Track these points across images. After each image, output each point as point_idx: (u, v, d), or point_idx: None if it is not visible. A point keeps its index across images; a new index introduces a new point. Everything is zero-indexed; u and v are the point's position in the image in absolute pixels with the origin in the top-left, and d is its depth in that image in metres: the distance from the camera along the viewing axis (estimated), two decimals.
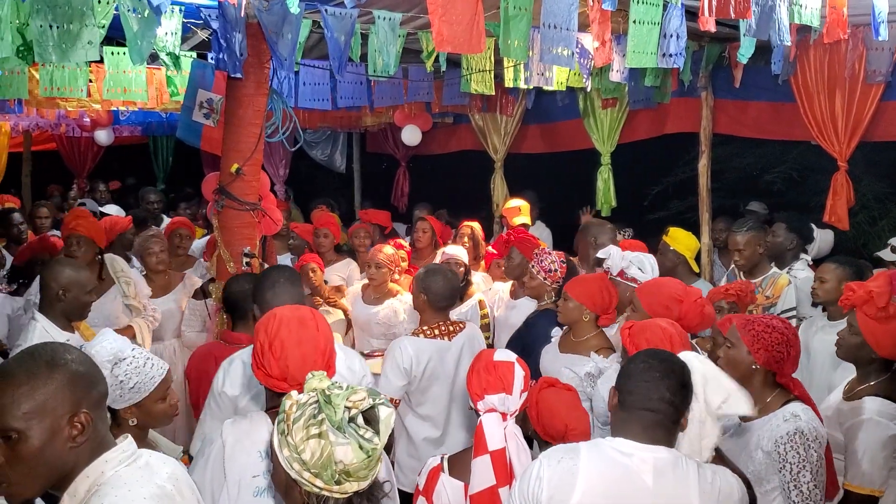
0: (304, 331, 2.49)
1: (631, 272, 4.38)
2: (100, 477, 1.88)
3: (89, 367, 1.95)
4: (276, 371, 2.46)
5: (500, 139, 8.91)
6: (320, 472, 1.83)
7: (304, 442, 1.84)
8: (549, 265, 4.60)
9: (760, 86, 6.40)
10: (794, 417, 2.89)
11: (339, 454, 1.83)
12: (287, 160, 11.03)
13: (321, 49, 5.83)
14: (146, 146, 12.50)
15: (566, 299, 4.12)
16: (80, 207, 6.19)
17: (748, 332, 3.02)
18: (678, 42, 4.17)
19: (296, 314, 2.56)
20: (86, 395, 1.88)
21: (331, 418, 1.84)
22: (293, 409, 1.89)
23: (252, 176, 4.69)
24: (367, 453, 1.84)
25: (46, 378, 1.83)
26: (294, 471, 1.86)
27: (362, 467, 1.85)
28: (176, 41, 4.35)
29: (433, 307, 4.17)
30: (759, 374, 3.02)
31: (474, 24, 3.57)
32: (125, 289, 5.08)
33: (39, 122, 9.34)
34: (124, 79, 5.57)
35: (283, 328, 2.49)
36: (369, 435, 1.86)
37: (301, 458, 1.84)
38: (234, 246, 4.67)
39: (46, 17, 3.42)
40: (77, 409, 1.85)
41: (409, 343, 4.09)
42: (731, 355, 3.08)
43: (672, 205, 8.72)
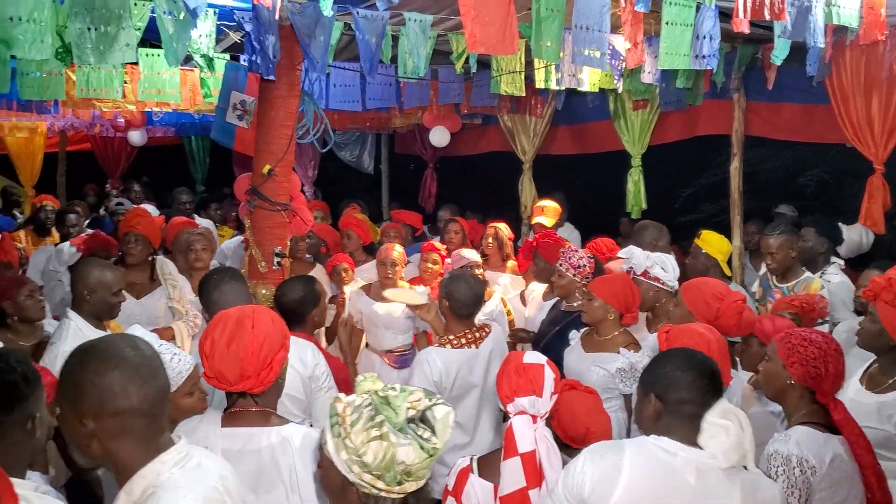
0: (238, 329, 2.46)
1: (654, 272, 4.39)
2: (155, 479, 1.90)
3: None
4: (208, 370, 2.47)
5: (529, 140, 8.89)
6: (383, 473, 1.85)
7: (366, 444, 1.85)
8: (577, 261, 4.60)
9: (794, 87, 6.33)
10: (783, 438, 2.77)
11: (401, 455, 1.85)
12: (316, 161, 11.10)
13: (351, 51, 5.86)
14: (179, 147, 12.65)
15: (591, 299, 4.14)
16: (140, 206, 6.25)
17: (784, 345, 2.89)
18: (711, 43, 4.15)
19: (236, 314, 2.53)
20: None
21: (391, 419, 1.85)
22: (347, 412, 1.89)
23: (283, 177, 4.73)
24: (429, 453, 1.87)
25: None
26: (354, 473, 1.87)
27: (423, 467, 1.88)
28: (210, 43, 4.39)
29: (455, 314, 4.12)
30: (794, 390, 2.87)
31: (507, 26, 3.57)
32: (170, 291, 5.13)
33: (74, 123, 9.49)
34: (159, 80, 5.65)
35: (216, 328, 2.49)
36: (427, 435, 1.88)
37: (362, 460, 1.85)
38: (265, 246, 4.71)
39: (85, 19, 3.47)
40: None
41: (437, 355, 4.02)
42: (767, 369, 2.98)
43: (703, 207, 8.66)
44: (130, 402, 1.90)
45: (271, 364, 2.47)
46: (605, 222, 8.34)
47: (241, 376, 2.44)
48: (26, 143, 10.75)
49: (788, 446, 2.71)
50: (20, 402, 2.12)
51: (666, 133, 7.79)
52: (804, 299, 4.25)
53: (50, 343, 3.91)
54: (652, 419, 2.44)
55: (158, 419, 1.97)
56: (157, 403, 1.96)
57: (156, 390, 1.95)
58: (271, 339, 2.48)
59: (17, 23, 3.28)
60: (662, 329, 3.27)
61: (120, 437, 1.91)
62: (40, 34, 3.36)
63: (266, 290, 4.58)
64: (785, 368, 2.87)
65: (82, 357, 1.97)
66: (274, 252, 4.68)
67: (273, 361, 2.48)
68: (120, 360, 1.93)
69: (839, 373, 2.85)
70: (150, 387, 1.94)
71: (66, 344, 3.78)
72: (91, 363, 1.94)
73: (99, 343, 2.02)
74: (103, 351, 1.96)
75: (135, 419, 1.92)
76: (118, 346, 1.98)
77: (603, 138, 8.40)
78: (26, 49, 3.35)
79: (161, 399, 1.98)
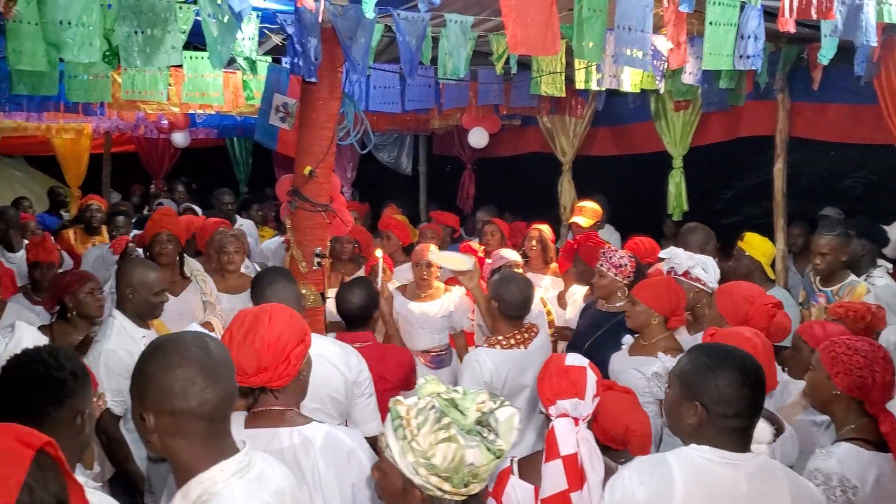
0: (256, 323, 2.49)
1: (695, 272, 4.34)
2: (212, 486, 1.88)
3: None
4: None
5: (569, 141, 8.84)
6: (451, 475, 1.85)
7: (434, 446, 1.84)
8: (618, 261, 4.56)
9: (840, 88, 6.21)
10: (825, 455, 2.70)
11: (469, 457, 1.85)
12: (354, 162, 11.16)
13: (391, 52, 5.89)
14: (222, 148, 12.79)
15: (634, 303, 4.10)
16: (166, 206, 6.34)
17: (828, 354, 2.83)
18: (756, 43, 4.10)
19: (254, 310, 2.57)
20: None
21: (459, 422, 1.85)
22: (412, 415, 1.89)
23: (324, 178, 4.76)
24: (496, 454, 1.87)
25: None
26: (420, 476, 1.87)
27: (489, 469, 1.88)
28: (253, 46, 4.45)
29: (504, 315, 4.11)
30: (841, 401, 2.81)
31: (549, 26, 3.56)
32: (202, 286, 5.21)
33: (119, 125, 9.66)
34: (202, 83, 5.73)
35: (234, 323, 2.52)
36: (492, 437, 1.88)
37: (431, 462, 1.85)
38: (305, 246, 4.74)
39: (132, 23, 3.54)
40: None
41: (486, 356, 4.01)
42: (812, 379, 2.93)
43: (745, 209, 8.55)
44: (189, 403, 1.87)
45: (288, 357, 2.48)
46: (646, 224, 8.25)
47: (258, 368, 2.45)
48: (73, 144, 10.97)
49: (829, 464, 2.65)
50: (69, 398, 2.17)
51: (708, 134, 7.70)
52: (851, 307, 4.08)
53: (94, 341, 3.98)
54: (693, 426, 2.37)
55: (220, 423, 1.94)
56: (218, 408, 1.91)
57: (218, 395, 1.91)
58: (288, 332, 2.49)
59: (66, 27, 3.36)
60: (708, 332, 3.23)
61: (178, 437, 1.89)
62: (88, 37, 3.43)
63: (307, 290, 4.62)
64: (830, 379, 2.81)
65: (152, 351, 1.95)
66: (314, 252, 4.72)
67: (290, 355, 2.48)
68: (184, 360, 1.89)
69: (888, 382, 2.76)
70: (213, 391, 1.89)
71: (109, 342, 3.85)
72: (156, 358, 1.91)
73: (169, 340, 1.99)
74: (171, 349, 1.92)
75: (193, 421, 1.88)
76: (186, 345, 1.93)
77: (644, 139, 8.32)
78: (75, 52, 3.42)
79: (224, 404, 1.93)
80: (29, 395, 2.15)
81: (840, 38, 4.13)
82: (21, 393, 2.16)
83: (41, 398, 2.14)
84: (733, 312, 3.61)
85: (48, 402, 2.14)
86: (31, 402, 2.14)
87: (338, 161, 10.52)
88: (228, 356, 2.02)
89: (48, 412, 2.14)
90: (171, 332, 2.17)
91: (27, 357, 2.24)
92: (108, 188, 11.07)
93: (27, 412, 2.13)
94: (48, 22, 3.34)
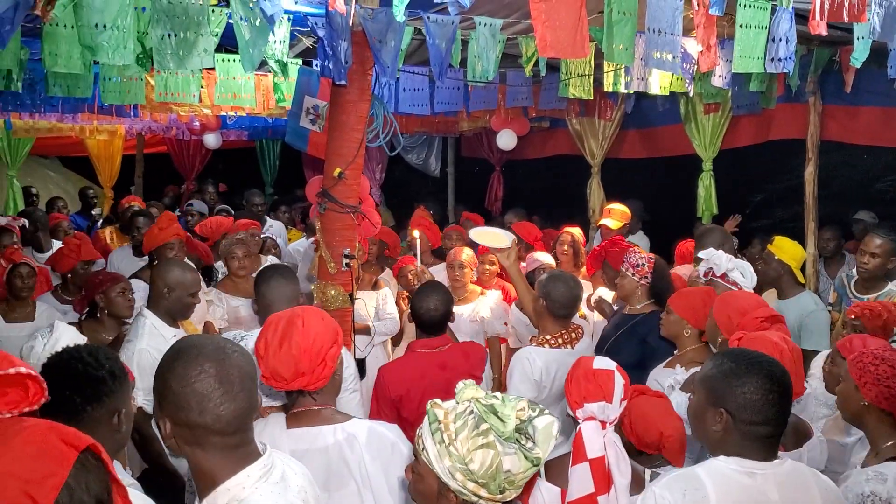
0: (290, 328, 2.51)
1: (733, 276, 4.27)
2: (239, 492, 1.87)
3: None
4: (263, 370, 2.51)
5: (598, 144, 8.82)
6: (488, 482, 1.85)
7: (472, 452, 1.84)
8: (636, 260, 4.53)
9: (872, 90, 6.15)
10: (877, 477, 2.60)
11: (507, 464, 1.84)
12: (383, 164, 11.21)
13: (421, 55, 5.91)
14: (251, 150, 12.91)
15: (668, 312, 4.00)
16: (169, 212, 6.39)
17: (855, 365, 2.80)
18: (788, 46, 4.06)
19: (286, 315, 2.58)
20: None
21: (498, 429, 1.84)
22: (450, 419, 1.89)
23: (353, 180, 4.79)
24: (533, 462, 1.86)
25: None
26: (456, 481, 1.86)
27: (526, 477, 1.87)
28: (284, 49, 4.49)
29: (552, 314, 4.07)
30: (871, 412, 2.75)
31: (578, 29, 3.56)
32: (203, 286, 5.27)
33: (152, 126, 9.79)
34: (234, 85, 5.79)
35: (268, 329, 2.54)
36: (530, 445, 1.87)
37: (468, 468, 1.84)
38: (334, 247, 4.77)
39: (165, 26, 3.59)
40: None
41: (536, 354, 3.98)
42: (841, 391, 2.89)
43: (776, 213, 8.47)
44: (204, 419, 1.84)
45: (325, 360, 2.51)
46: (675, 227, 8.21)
47: (297, 373, 2.48)
48: (106, 145, 11.15)
49: (888, 487, 2.55)
50: (107, 397, 2.21)
51: (738, 137, 7.65)
52: (867, 306, 4.00)
53: (126, 340, 4.03)
54: (718, 434, 2.33)
55: (237, 436, 1.90)
56: (233, 423, 1.87)
57: (234, 411, 1.87)
58: (322, 335, 2.51)
59: (101, 30, 3.42)
60: (735, 337, 3.19)
61: (195, 446, 1.88)
62: (123, 41, 3.49)
63: (335, 291, 4.65)
64: (858, 390, 2.76)
65: (172, 358, 1.92)
66: (343, 254, 4.74)
67: (326, 357, 2.51)
68: (201, 374, 1.86)
69: None
70: (228, 407, 1.86)
71: (141, 342, 3.90)
72: (176, 368, 1.88)
73: (191, 348, 1.93)
74: (192, 358, 1.88)
75: (208, 434, 1.86)
76: (208, 355, 1.89)
77: (673, 142, 8.28)
78: (109, 55, 3.48)
79: (240, 419, 1.89)
80: (68, 393, 2.18)
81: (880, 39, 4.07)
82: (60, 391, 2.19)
83: (80, 396, 2.18)
84: (726, 323, 3.50)
85: (86, 400, 2.18)
86: (69, 400, 2.17)
87: (366, 163, 10.59)
88: (251, 368, 1.97)
89: (86, 410, 2.18)
90: (196, 336, 2.17)
91: (67, 355, 2.29)
92: (139, 189, 11.22)
93: (65, 410, 2.18)
94: (84, 25, 3.41)
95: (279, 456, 2.07)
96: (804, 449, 3.07)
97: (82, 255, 5.52)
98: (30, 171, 11.40)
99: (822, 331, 4.69)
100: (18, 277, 4.93)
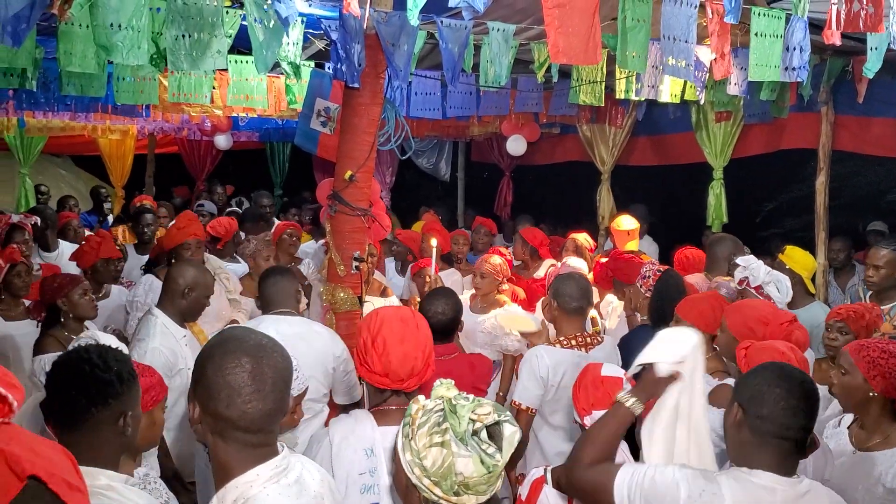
0: (406, 328, 2.57)
1: (768, 290, 4.23)
2: (247, 490, 1.87)
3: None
4: (378, 367, 2.55)
5: (608, 151, 8.81)
6: (440, 481, 1.83)
7: (427, 449, 1.84)
8: (644, 272, 4.52)
9: (886, 101, 6.15)
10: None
11: (459, 466, 1.82)
12: (393, 168, 11.22)
13: (433, 59, 5.92)
14: (262, 151, 12.94)
15: (677, 321, 3.96)
16: (189, 212, 6.42)
17: (863, 358, 2.91)
18: (802, 55, 4.06)
19: (397, 314, 2.65)
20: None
21: (454, 429, 1.83)
22: (419, 415, 1.90)
23: (364, 183, 4.79)
24: (488, 469, 1.82)
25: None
26: (415, 476, 1.86)
27: (482, 482, 1.83)
28: (297, 51, 4.50)
29: (564, 310, 4.07)
30: (876, 402, 2.91)
31: (591, 36, 3.55)
32: (226, 284, 5.28)
33: (164, 126, 9.82)
34: (247, 86, 5.81)
35: (384, 326, 2.58)
36: (492, 451, 1.83)
37: (422, 464, 1.84)
38: (344, 250, 4.78)
39: (180, 27, 3.60)
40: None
41: (545, 352, 3.99)
42: (845, 382, 2.97)
43: (786, 222, 8.45)
44: (230, 413, 1.86)
45: (429, 362, 2.58)
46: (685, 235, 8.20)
47: (412, 373, 2.55)
48: (118, 144, 11.20)
49: None
50: (113, 400, 2.20)
51: (749, 146, 7.63)
52: (851, 307, 4.02)
53: (137, 339, 4.04)
54: (736, 434, 2.31)
55: (259, 435, 1.91)
56: (257, 421, 1.88)
57: (261, 411, 1.88)
58: (430, 339, 2.61)
59: (116, 30, 3.42)
60: (741, 346, 3.18)
61: (217, 436, 1.90)
62: (137, 41, 3.49)
63: (344, 293, 4.66)
64: (866, 382, 2.89)
65: (214, 344, 1.95)
66: (353, 256, 4.75)
67: (430, 360, 2.59)
68: (236, 367, 1.87)
69: None
70: (256, 405, 1.87)
71: (154, 340, 3.92)
72: (215, 356, 1.90)
73: (235, 339, 1.95)
74: (231, 350, 1.90)
75: (231, 428, 1.88)
76: (247, 350, 1.90)
77: (684, 150, 8.27)
78: (124, 55, 3.48)
79: (266, 419, 1.90)
80: (73, 394, 2.18)
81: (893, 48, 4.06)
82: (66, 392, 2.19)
83: (85, 398, 2.17)
84: (749, 336, 3.41)
85: (91, 402, 2.17)
86: (75, 402, 2.17)
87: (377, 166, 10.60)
88: (287, 372, 1.97)
89: (91, 412, 2.16)
90: (243, 328, 2.13)
91: (76, 355, 2.27)
92: (150, 188, 11.27)
93: (71, 411, 2.17)
94: (99, 25, 3.41)
95: (300, 459, 2.07)
96: (809, 459, 3.06)
97: (102, 252, 5.56)
98: (42, 170, 11.45)
99: None
100: (17, 276, 4.94)
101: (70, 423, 2.18)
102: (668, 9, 3.80)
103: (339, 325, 4.60)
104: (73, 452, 2.15)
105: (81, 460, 2.14)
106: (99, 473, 2.14)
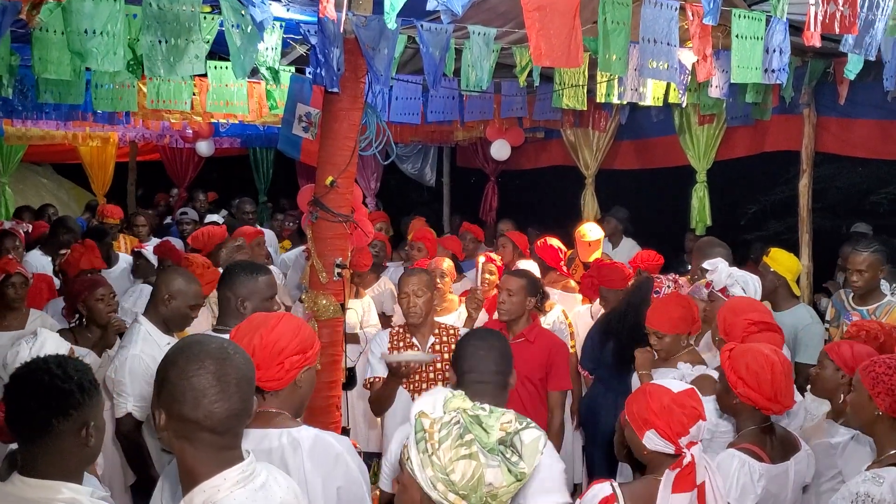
0: (259, 327, 2.53)
1: (733, 291, 4.25)
2: (214, 494, 1.88)
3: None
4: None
5: (592, 154, 8.82)
6: (469, 493, 1.81)
7: (454, 462, 1.81)
8: None
9: (868, 103, 6.15)
10: (874, 479, 2.62)
11: (489, 476, 1.80)
12: (378, 174, 11.18)
13: (415, 64, 5.89)
14: (244, 157, 12.87)
15: (660, 337, 4.02)
16: (212, 267, 6.36)
17: (868, 375, 2.81)
18: (781, 57, 4.06)
19: (266, 314, 2.65)
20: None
21: (481, 439, 1.82)
22: (435, 429, 1.86)
23: (346, 188, 4.75)
24: (517, 477, 1.81)
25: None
26: (437, 492, 1.83)
27: (509, 491, 1.82)
28: (276, 56, 4.46)
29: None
30: (883, 421, 2.79)
31: (572, 38, 3.54)
32: (214, 309, 5.19)
33: (145, 134, 9.76)
34: (227, 92, 5.76)
35: (244, 324, 2.59)
36: (515, 459, 1.83)
37: (449, 478, 1.81)
38: (326, 257, 4.73)
39: (156, 32, 3.55)
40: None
41: None
42: (853, 401, 2.90)
43: (770, 225, 8.47)
44: (197, 414, 1.88)
45: (283, 363, 2.48)
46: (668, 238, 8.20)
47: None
48: (99, 152, 11.10)
49: (882, 490, 2.57)
50: (75, 410, 2.15)
51: (733, 148, 7.64)
52: (864, 326, 3.85)
53: (121, 346, 4.00)
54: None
55: (226, 437, 1.93)
56: (224, 422, 1.91)
57: (227, 411, 1.91)
58: (287, 338, 2.50)
59: (91, 36, 3.38)
60: (726, 348, 3.18)
61: (184, 440, 1.91)
62: (113, 47, 3.45)
63: (326, 301, 4.61)
64: (871, 400, 2.78)
65: (176, 350, 1.96)
66: (335, 263, 4.70)
67: (286, 361, 2.49)
68: (200, 370, 1.90)
69: None
70: (222, 405, 1.90)
71: (135, 348, 3.86)
72: (178, 361, 1.92)
73: (196, 343, 1.98)
74: (194, 354, 1.93)
75: (198, 430, 1.89)
76: (210, 353, 1.93)
77: (668, 153, 8.28)
78: (99, 61, 3.44)
79: (232, 420, 1.93)
80: (33, 405, 2.12)
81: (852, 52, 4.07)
82: (26, 403, 2.15)
83: (45, 409, 2.11)
84: (721, 324, 3.61)
85: (52, 413, 2.11)
86: (35, 413, 2.12)
87: (361, 172, 10.58)
88: (250, 373, 2.00)
89: (52, 424, 2.11)
90: (203, 335, 2.17)
91: (35, 366, 2.21)
92: (133, 196, 11.19)
93: (31, 422, 2.13)
94: (73, 31, 3.36)
95: (266, 467, 2.06)
96: (791, 462, 3.06)
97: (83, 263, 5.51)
98: (22, 179, 11.36)
99: (816, 344, 4.64)
100: (11, 287, 4.90)
101: (31, 436, 2.14)
102: (648, 11, 3.80)
103: (322, 332, 4.55)
104: (36, 465, 2.12)
105: (44, 473, 2.12)
106: (61, 486, 2.09)
